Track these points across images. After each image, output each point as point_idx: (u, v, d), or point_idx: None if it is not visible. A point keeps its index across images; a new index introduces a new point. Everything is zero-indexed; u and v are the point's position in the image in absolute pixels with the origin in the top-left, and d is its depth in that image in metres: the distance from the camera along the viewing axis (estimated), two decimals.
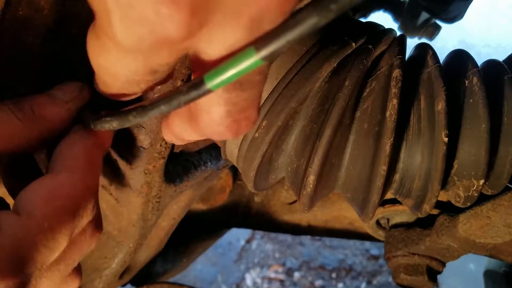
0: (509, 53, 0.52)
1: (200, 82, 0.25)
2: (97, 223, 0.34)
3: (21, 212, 0.28)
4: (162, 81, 0.29)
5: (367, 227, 0.74)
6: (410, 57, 0.47)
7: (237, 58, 0.23)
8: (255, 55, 0.23)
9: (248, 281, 2.01)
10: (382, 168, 0.39)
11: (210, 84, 0.24)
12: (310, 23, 0.21)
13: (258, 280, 2.01)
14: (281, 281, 2.01)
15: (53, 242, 0.28)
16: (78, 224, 0.30)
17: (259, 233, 2.17)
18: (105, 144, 0.36)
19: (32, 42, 0.36)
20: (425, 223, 0.63)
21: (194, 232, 0.95)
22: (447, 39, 3.40)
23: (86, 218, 0.31)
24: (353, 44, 0.39)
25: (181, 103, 0.26)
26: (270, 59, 0.23)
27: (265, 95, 0.39)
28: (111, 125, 0.31)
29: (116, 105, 0.34)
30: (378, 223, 0.72)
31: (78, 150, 0.33)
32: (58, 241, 0.28)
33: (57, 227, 0.28)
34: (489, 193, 0.48)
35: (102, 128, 0.32)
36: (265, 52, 0.23)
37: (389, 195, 0.47)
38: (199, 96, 0.25)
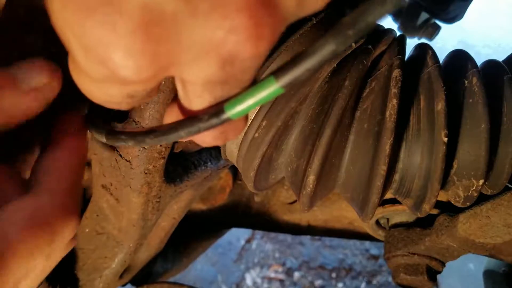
0: (509, 53, 0.52)
1: (220, 111, 0.25)
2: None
3: None
4: (147, 98, 0.28)
5: (367, 227, 0.74)
6: (410, 57, 0.47)
7: (257, 87, 0.24)
8: (275, 84, 0.23)
9: (248, 281, 2.01)
10: (382, 168, 0.39)
11: (230, 113, 0.25)
12: (328, 50, 0.21)
13: (258, 280, 2.01)
14: (281, 281, 2.01)
15: (26, 265, 0.28)
16: (54, 247, 0.29)
17: (259, 233, 2.17)
18: (86, 159, 0.35)
19: (33, 43, 0.36)
20: (425, 223, 0.63)
21: (194, 232, 0.95)
22: (447, 39, 3.40)
23: (65, 240, 0.30)
24: (353, 44, 0.39)
25: (201, 130, 0.26)
26: (289, 87, 0.23)
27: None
28: (126, 143, 0.30)
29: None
30: (378, 223, 0.72)
31: (64, 169, 0.31)
32: (33, 265, 0.28)
33: (33, 252, 0.28)
34: (489, 193, 0.48)
35: (115, 144, 0.32)
36: (284, 81, 0.23)
37: (389, 195, 0.47)
38: (219, 124, 0.25)
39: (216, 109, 0.25)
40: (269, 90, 0.23)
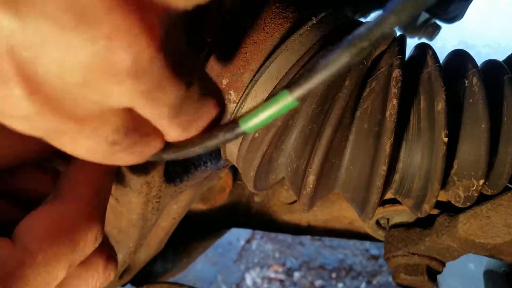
0: (509, 53, 0.52)
1: (235, 126, 0.26)
2: (108, 254, 0.33)
3: (18, 242, 0.27)
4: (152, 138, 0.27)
5: (367, 227, 0.74)
6: (410, 57, 0.47)
7: (271, 101, 0.24)
8: (288, 97, 0.23)
9: (248, 281, 2.01)
10: (382, 168, 0.39)
11: (245, 127, 0.25)
12: (342, 63, 0.21)
13: (258, 280, 2.01)
14: (281, 281, 2.01)
15: (47, 275, 0.27)
16: (77, 256, 0.29)
17: (259, 233, 2.17)
18: (115, 167, 0.35)
19: None
20: (425, 223, 0.63)
21: (194, 232, 0.95)
22: (447, 39, 3.40)
23: (88, 248, 0.30)
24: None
25: (217, 146, 0.27)
26: (304, 99, 0.23)
27: (265, 95, 0.39)
28: None
29: None
30: (378, 223, 0.72)
31: (88, 176, 0.31)
32: (54, 275, 0.27)
33: (53, 261, 0.27)
34: (489, 193, 0.48)
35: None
36: (298, 94, 0.23)
37: (389, 195, 0.47)
38: (234, 138, 0.26)
39: (231, 125, 0.26)
40: (283, 103, 0.24)
